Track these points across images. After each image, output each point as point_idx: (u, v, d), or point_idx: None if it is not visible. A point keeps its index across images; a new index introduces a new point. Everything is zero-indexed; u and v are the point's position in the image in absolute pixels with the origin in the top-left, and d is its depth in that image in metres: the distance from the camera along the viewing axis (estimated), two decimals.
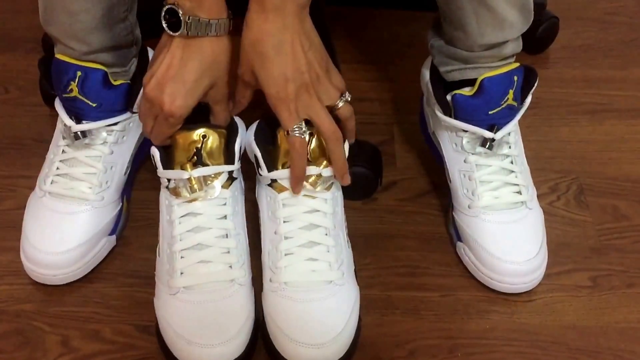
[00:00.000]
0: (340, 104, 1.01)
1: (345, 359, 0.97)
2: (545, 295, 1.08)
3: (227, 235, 1.01)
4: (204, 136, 1.01)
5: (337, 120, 1.01)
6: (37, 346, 1.02)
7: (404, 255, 1.13)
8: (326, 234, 1.01)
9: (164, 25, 0.95)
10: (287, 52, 0.94)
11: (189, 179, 1.00)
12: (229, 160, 1.03)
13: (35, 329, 1.04)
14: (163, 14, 0.94)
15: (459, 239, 1.11)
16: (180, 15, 0.93)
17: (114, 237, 1.12)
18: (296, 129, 0.96)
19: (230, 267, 1.00)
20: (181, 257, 1.00)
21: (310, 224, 1.01)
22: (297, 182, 1.00)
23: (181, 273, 0.99)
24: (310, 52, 0.96)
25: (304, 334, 0.95)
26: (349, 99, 1.02)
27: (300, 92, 0.96)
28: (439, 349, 1.02)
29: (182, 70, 0.96)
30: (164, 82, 0.96)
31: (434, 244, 1.15)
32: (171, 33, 0.95)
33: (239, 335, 0.96)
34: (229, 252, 1.01)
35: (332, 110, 1.00)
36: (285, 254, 1.00)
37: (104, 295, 1.08)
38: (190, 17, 0.93)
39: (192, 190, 1.00)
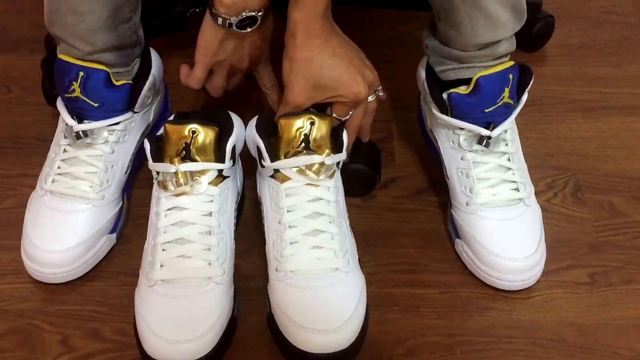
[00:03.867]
0: (371, 99, 1.10)
1: (355, 345, 0.97)
2: (543, 292, 1.08)
3: (210, 232, 1.02)
4: (194, 132, 1.01)
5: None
6: (37, 345, 1.02)
7: (403, 253, 1.13)
8: (330, 222, 1.02)
9: (236, 27, 1.03)
10: (342, 55, 1.03)
11: (176, 173, 1.01)
12: (220, 158, 1.03)
13: (35, 328, 1.04)
14: (236, 21, 1.02)
15: (458, 236, 1.12)
16: (258, 15, 1.03)
17: (114, 235, 1.12)
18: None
19: (209, 264, 1.00)
20: (163, 250, 1.00)
21: (314, 212, 1.01)
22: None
23: (161, 266, 1.00)
24: (352, 48, 1.06)
25: (314, 320, 0.95)
26: (380, 93, 1.11)
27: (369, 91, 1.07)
28: (438, 346, 1.03)
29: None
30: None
31: (433, 241, 1.15)
32: (247, 30, 1.04)
33: (207, 335, 0.96)
34: (209, 249, 1.01)
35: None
36: (290, 243, 1.00)
37: (104, 293, 1.08)
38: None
39: (178, 185, 1.01)
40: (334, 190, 1.03)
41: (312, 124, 1.01)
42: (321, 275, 0.99)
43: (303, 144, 1.01)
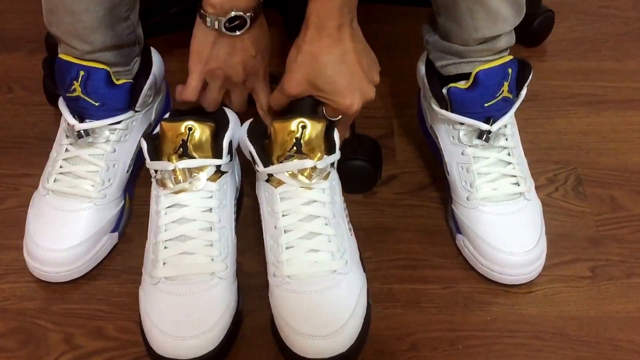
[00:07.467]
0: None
1: (354, 348, 0.97)
2: (545, 286, 1.08)
3: (211, 228, 1.02)
4: (190, 129, 1.01)
5: None
6: (40, 344, 1.02)
7: (405, 248, 1.14)
8: (326, 224, 1.01)
9: (224, 28, 1.01)
10: (349, 63, 0.99)
11: (174, 171, 1.01)
12: (217, 154, 1.03)
13: (38, 327, 1.04)
14: (225, 21, 1.00)
15: (459, 231, 1.12)
16: (246, 16, 1.01)
17: (116, 234, 1.13)
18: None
19: (212, 259, 1.00)
20: (164, 248, 1.01)
21: (309, 215, 1.01)
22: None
23: (164, 263, 1.00)
24: (365, 60, 1.02)
25: (310, 325, 0.95)
26: None
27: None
28: (440, 341, 1.03)
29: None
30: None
31: (434, 236, 1.15)
32: (237, 33, 1.02)
33: (213, 330, 0.96)
34: (211, 245, 1.01)
35: None
36: (287, 248, 1.00)
37: (106, 292, 1.08)
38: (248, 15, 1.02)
39: (177, 182, 1.01)
40: (329, 192, 1.03)
41: (304, 127, 1.01)
42: (318, 279, 0.98)
43: (295, 148, 1.01)
